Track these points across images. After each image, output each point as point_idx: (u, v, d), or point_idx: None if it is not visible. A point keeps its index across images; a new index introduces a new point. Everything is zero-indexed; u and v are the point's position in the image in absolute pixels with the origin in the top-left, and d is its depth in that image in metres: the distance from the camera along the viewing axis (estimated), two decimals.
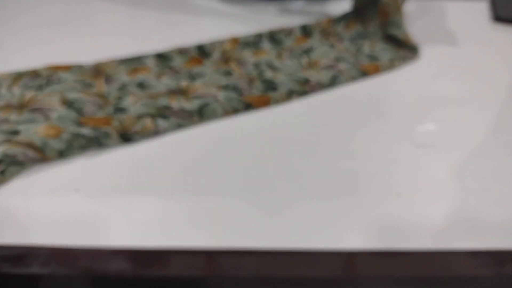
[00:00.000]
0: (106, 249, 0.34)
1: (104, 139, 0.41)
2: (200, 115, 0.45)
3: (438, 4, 0.65)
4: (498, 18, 0.60)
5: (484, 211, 0.36)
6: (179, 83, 0.49)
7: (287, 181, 0.39)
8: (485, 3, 0.64)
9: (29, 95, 0.46)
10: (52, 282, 0.33)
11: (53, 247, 0.34)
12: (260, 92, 0.47)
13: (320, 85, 0.49)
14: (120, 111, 0.44)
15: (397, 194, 0.37)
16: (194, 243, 0.34)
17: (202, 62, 0.52)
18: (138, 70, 0.50)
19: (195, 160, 0.41)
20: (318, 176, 0.39)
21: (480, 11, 0.63)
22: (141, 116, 0.43)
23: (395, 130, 0.44)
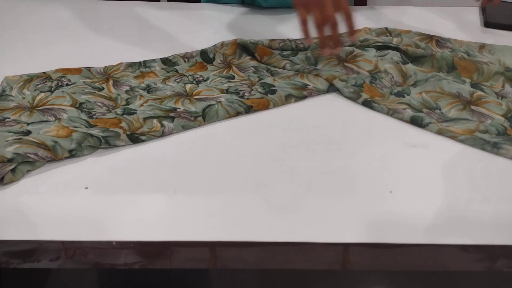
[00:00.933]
0: (114, 243, 0.35)
1: (113, 140, 0.42)
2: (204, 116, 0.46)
3: (436, 9, 0.67)
4: (488, 24, 0.64)
5: (473, 208, 0.37)
6: (184, 87, 0.50)
7: (286, 178, 0.40)
8: (476, 11, 0.68)
9: (39, 97, 0.48)
10: (61, 276, 0.34)
11: (62, 241, 0.34)
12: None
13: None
14: (128, 113, 0.46)
15: (389, 191, 0.39)
16: (198, 237, 0.35)
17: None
18: (145, 74, 0.52)
19: (199, 159, 0.42)
20: (316, 174, 0.40)
21: (472, 18, 0.67)
22: (148, 118, 0.45)
23: (387, 130, 0.46)
